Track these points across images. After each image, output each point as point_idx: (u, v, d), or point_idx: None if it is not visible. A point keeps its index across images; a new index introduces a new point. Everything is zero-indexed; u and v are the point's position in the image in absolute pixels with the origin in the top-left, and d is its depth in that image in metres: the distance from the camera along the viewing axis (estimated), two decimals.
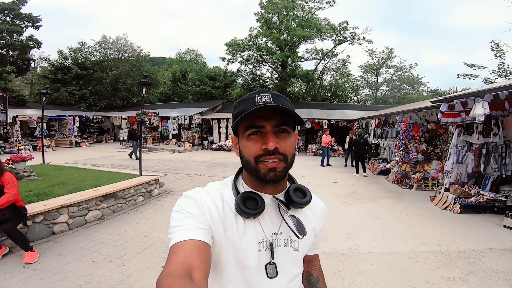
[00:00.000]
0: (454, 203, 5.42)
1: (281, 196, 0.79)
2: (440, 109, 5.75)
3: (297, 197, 0.76)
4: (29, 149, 13.57)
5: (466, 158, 5.82)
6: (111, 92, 22.56)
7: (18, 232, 3.08)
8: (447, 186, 5.85)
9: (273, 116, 0.70)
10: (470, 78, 14.35)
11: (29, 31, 19.15)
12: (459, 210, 5.26)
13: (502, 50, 12.92)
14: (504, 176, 5.70)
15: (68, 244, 3.55)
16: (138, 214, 4.89)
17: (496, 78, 13.45)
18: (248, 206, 0.71)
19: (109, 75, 21.27)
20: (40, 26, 19.45)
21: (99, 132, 21.06)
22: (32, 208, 3.59)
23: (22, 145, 13.30)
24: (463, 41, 59.87)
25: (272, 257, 0.74)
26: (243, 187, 0.79)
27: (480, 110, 4.73)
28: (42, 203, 3.86)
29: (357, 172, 9.27)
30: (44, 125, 15.43)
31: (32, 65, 22.41)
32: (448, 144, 6.44)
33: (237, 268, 0.72)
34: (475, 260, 3.38)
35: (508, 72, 12.88)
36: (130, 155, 12.03)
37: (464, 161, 5.84)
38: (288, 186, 0.81)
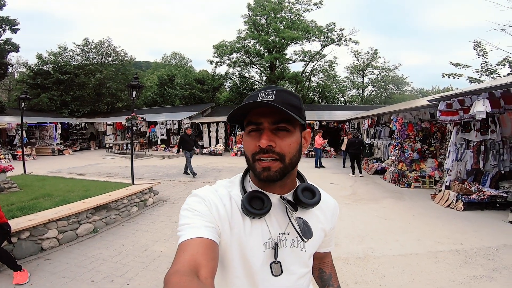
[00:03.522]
0: (457, 201, 5.41)
1: (289, 195, 0.77)
2: (438, 107, 5.76)
3: (306, 197, 0.75)
4: (8, 158, 12.79)
5: (465, 155, 5.84)
6: (95, 98, 21.72)
7: (3, 251, 2.74)
8: (447, 184, 5.85)
9: (272, 113, 0.68)
10: (454, 77, 14.76)
11: (7, 35, 18.20)
12: (462, 208, 5.24)
13: (485, 49, 13.32)
14: (502, 172, 5.77)
15: (61, 261, 3.20)
16: (134, 225, 4.55)
17: (479, 77, 13.86)
18: (254, 206, 0.70)
19: (92, 79, 20.46)
20: (18, 29, 18.51)
21: (87, 138, 20.16)
22: (16, 223, 3.23)
23: (1, 154, 12.50)
24: (442, 42, 62.36)
25: (276, 257, 0.73)
26: (250, 186, 0.78)
27: (481, 108, 4.74)
28: (27, 218, 3.48)
29: (353, 173, 9.22)
30: (24, 132, 14.64)
31: (10, 70, 21.29)
32: (447, 142, 6.47)
33: (243, 265, 0.72)
34: (494, 257, 3.33)
35: (492, 70, 13.27)
36: (186, 171, 9.07)
37: (463, 159, 5.86)
38: (297, 185, 0.79)
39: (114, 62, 22.65)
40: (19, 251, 3.24)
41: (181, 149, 8.96)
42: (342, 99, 29.89)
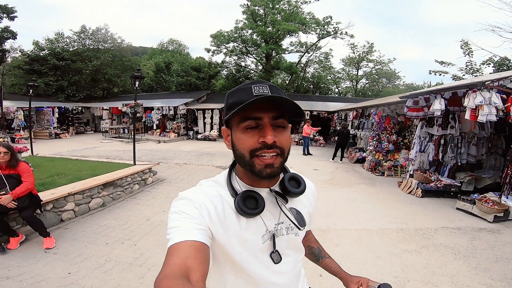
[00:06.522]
0: (417, 188, 6.21)
1: (276, 187, 0.80)
2: (406, 104, 6.49)
3: (292, 187, 0.78)
4: (8, 141, 13.31)
5: (428, 147, 6.63)
6: (91, 83, 22.10)
7: (37, 219, 3.35)
8: (411, 172, 6.66)
9: (271, 108, 0.68)
10: (440, 75, 15.43)
11: (5, 23, 18.48)
12: (421, 194, 6.02)
13: (471, 48, 13.93)
14: (459, 164, 6.56)
15: (78, 230, 3.90)
16: (137, 201, 5.28)
17: (463, 75, 14.53)
18: (249, 206, 0.71)
19: (89, 66, 20.76)
20: (16, 17, 18.74)
21: (84, 123, 20.78)
22: (42, 196, 3.83)
23: (1, 137, 13.00)
24: (439, 36, 62.71)
25: (274, 247, 0.77)
26: (239, 184, 0.78)
27: (437, 106, 5.48)
28: (50, 192, 4.16)
29: (333, 159, 10.12)
30: (22, 116, 15.12)
31: (8, 57, 21.56)
32: (413, 135, 7.25)
33: (246, 260, 0.75)
34: (429, 236, 3.98)
35: (476, 69, 13.91)
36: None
37: (426, 150, 6.66)
38: (282, 176, 0.82)
39: (111, 49, 22.82)
40: (44, 221, 3.82)
41: None
42: (337, 90, 30.50)
